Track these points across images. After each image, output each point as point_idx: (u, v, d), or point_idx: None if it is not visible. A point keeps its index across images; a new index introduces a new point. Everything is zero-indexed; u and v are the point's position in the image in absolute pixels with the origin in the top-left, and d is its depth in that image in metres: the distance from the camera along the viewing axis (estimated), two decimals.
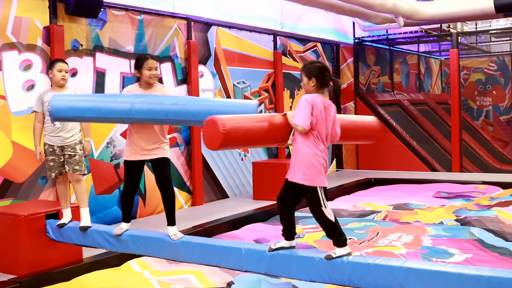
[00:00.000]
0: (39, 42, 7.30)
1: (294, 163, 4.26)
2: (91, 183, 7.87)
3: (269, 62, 11.84)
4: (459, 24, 17.95)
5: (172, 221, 5.15)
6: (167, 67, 9.30)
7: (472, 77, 21.02)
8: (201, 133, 4.19)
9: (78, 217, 5.80)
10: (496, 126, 20.62)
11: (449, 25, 16.42)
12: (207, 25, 10.17)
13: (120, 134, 8.26)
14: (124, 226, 5.33)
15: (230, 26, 10.68)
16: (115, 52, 8.37)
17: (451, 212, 8.66)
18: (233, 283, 5.55)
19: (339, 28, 14.18)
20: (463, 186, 10.97)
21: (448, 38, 15.04)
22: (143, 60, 5.20)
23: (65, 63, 5.91)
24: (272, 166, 10.18)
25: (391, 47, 16.62)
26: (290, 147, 4.46)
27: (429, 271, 3.88)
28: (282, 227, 4.45)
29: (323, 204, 4.20)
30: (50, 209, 6.10)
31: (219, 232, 7.58)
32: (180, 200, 9.41)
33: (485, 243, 6.71)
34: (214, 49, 10.35)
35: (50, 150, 5.78)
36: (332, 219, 4.21)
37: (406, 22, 12.75)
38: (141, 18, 8.80)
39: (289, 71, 12.43)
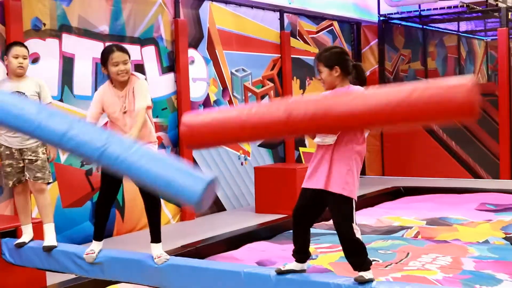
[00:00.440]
0: None
1: (334, 166, 4.24)
2: (57, 193, 7.89)
3: (274, 45, 11.85)
4: None
5: (156, 237, 5.17)
6: (149, 51, 9.32)
7: None
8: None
9: (41, 235, 5.81)
10: None
11: None
12: (198, 0, 10.19)
13: None
14: (95, 247, 5.33)
15: (227, 1, 10.70)
16: (85, 33, 8.38)
17: (498, 228, 8.67)
18: None
19: (361, 3, 14.19)
20: None
21: (496, 14, 15.02)
22: (107, 54, 5.19)
23: (24, 47, 5.88)
24: (278, 172, 10.20)
25: (424, 26, 16.62)
26: (306, 149, 4.45)
27: None
28: (295, 246, 4.47)
29: (354, 220, 4.23)
30: (6, 226, 6.11)
31: (214, 253, 7.59)
32: (167, 214, 9.43)
33: None
34: (207, 29, 10.37)
35: (7, 153, 5.79)
36: (360, 237, 4.24)
37: None
38: None
39: (299, 56, 12.44)
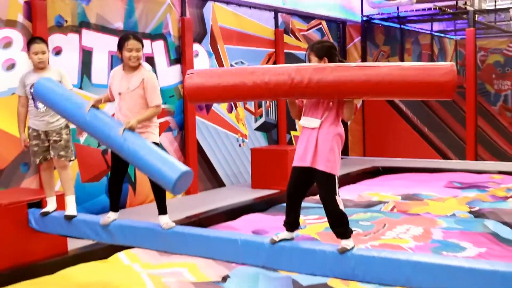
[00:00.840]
0: (20, 18, 7.29)
1: (319, 146, 4.25)
2: (77, 170, 7.90)
3: (269, 41, 11.83)
4: (476, 1, 17.91)
5: (163, 209, 5.18)
6: (159, 45, 9.30)
7: (490, 59, 20.98)
8: None
9: (63, 205, 5.82)
10: None
11: (465, 2, 16.40)
12: (202, 0, 10.16)
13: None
14: (111, 215, 5.36)
15: (227, 2, 10.67)
16: (102, 29, 8.36)
17: (464, 203, 8.70)
18: (229, 276, 5.59)
19: (346, 4, 14.15)
20: (478, 175, 11.01)
21: (464, 16, 15.02)
22: (124, 40, 5.16)
23: (42, 42, 5.76)
24: (272, 152, 10.21)
25: (402, 26, 16.59)
26: (297, 132, 4.48)
27: (438, 265, 3.91)
28: (287, 217, 4.47)
29: (337, 193, 4.25)
30: (32, 198, 6.11)
31: (214, 223, 7.62)
32: None
33: (500, 237, 6.75)
34: (210, 26, 10.34)
35: (34, 134, 5.78)
36: (343, 208, 4.26)
37: None
38: None
39: (291, 51, 12.41)
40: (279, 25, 12.04)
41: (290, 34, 12.49)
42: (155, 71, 7.22)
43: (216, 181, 10.38)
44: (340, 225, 4.30)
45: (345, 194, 9.46)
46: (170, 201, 5.50)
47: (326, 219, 4.36)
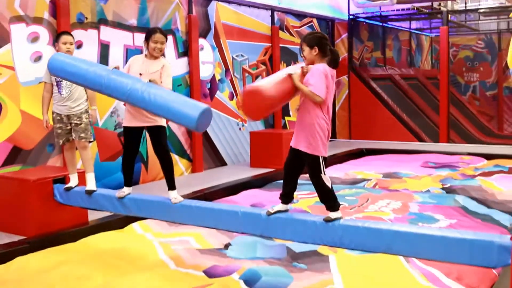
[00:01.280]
0: (46, 15, 7.25)
1: (300, 131, 4.25)
2: (96, 150, 7.89)
3: (266, 37, 11.77)
4: (449, 2, 17.80)
5: (172, 185, 5.19)
6: (168, 40, 9.19)
7: (461, 54, 20.95)
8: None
9: (84, 181, 5.83)
10: (482, 101, 20.63)
11: (439, 3, 16.31)
12: (207, 0, 10.10)
13: (123, 104, 8.23)
14: (126, 190, 5.37)
15: (229, 1, 10.59)
16: (118, 25, 8.32)
17: (437, 180, 8.72)
18: (230, 244, 5.60)
19: (335, 4, 14.08)
20: (450, 156, 11.01)
21: (439, 16, 14.96)
22: (152, 33, 5.23)
23: (70, 35, 5.86)
24: (268, 135, 10.20)
25: (384, 24, 16.52)
26: (291, 118, 4.47)
27: (415, 234, 3.94)
28: (284, 192, 4.47)
29: (322, 171, 4.24)
30: (57, 174, 6.12)
31: (217, 197, 7.62)
32: (181, 167, 9.44)
33: (468, 210, 6.77)
34: (214, 23, 10.29)
35: (57, 118, 5.78)
36: (329, 185, 4.26)
37: None
38: None
39: (286, 45, 12.36)
40: (275, 22, 11.98)
41: (285, 30, 12.43)
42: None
43: (218, 160, 10.38)
44: (327, 199, 4.31)
45: (333, 173, 9.46)
46: (178, 178, 5.52)
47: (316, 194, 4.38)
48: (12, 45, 6.86)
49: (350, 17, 14.55)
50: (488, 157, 10.79)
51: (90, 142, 5.91)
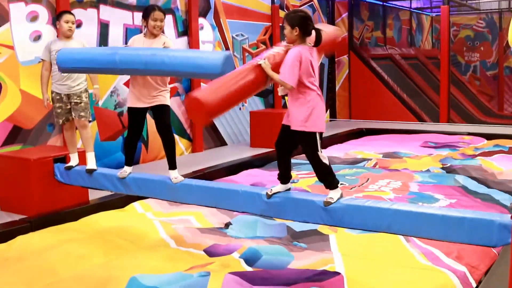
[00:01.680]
0: None
1: (293, 110, 4.22)
2: (96, 130, 7.87)
3: (267, 16, 11.69)
4: None
5: (173, 165, 5.18)
6: (168, 19, 9.14)
7: (462, 33, 20.85)
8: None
9: (84, 161, 5.83)
10: (482, 80, 20.57)
11: None
12: None
13: (123, 84, 8.21)
14: (127, 169, 5.37)
15: None
16: (118, 5, 8.25)
17: (437, 160, 8.71)
18: (231, 223, 5.61)
19: None
20: (450, 136, 10.99)
21: None
22: (150, 11, 5.18)
23: (72, 14, 5.84)
24: (268, 115, 10.18)
25: (384, 3, 16.41)
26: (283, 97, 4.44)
27: (415, 212, 3.93)
28: (279, 171, 4.48)
29: (319, 149, 4.22)
30: (57, 154, 6.12)
31: (217, 177, 7.61)
32: (181, 147, 9.43)
33: (468, 189, 6.77)
34: (214, 2, 10.20)
35: (57, 97, 5.76)
36: (327, 162, 4.24)
37: None
38: None
39: None
40: (275, 1, 11.88)
41: (285, 10, 12.33)
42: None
43: (219, 140, 10.36)
44: (325, 177, 4.30)
45: (333, 152, 9.45)
46: (178, 158, 5.51)
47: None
48: (11, 24, 6.81)
49: None
50: (488, 137, 10.77)
51: (90, 121, 5.90)
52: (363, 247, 4.87)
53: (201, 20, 9.83)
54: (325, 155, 4.25)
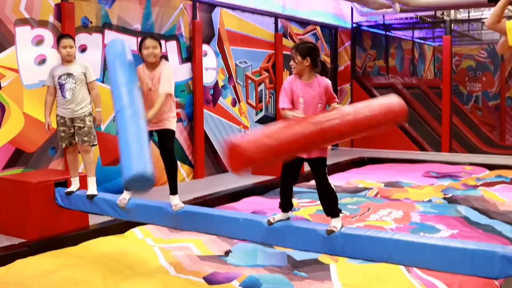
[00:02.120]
0: (51, 19, 7.26)
1: None
2: (98, 154, 7.89)
3: (270, 43, 11.79)
4: (452, 12, 17.86)
5: (174, 190, 5.19)
6: (172, 45, 9.27)
7: (464, 64, 20.96)
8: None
9: (85, 185, 5.83)
10: (484, 111, 20.62)
11: (442, 12, 16.35)
12: (211, 6, 10.11)
13: None
14: (126, 195, 5.35)
15: (233, 8, 10.62)
16: (123, 30, 8.33)
17: (439, 190, 8.69)
18: (231, 251, 5.58)
19: (338, 12, 14.09)
20: (452, 166, 10.99)
21: (442, 25, 14.97)
22: (142, 41, 5.19)
23: (70, 38, 5.82)
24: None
25: (387, 32, 16.54)
26: None
27: (416, 243, 3.93)
28: (282, 200, 4.48)
29: (327, 174, 4.29)
30: (59, 178, 6.13)
31: (218, 204, 7.59)
32: (182, 173, 9.43)
33: (470, 220, 6.74)
34: (218, 29, 10.30)
35: (61, 121, 5.79)
36: (334, 189, 4.29)
37: (402, 8, 12.69)
38: None
39: (289, 53, 12.30)
40: (279, 29, 12.00)
41: (288, 38, 12.44)
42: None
43: (220, 167, 10.36)
44: (330, 204, 4.33)
45: (335, 181, 9.35)
46: (179, 184, 5.51)
47: (318, 202, 4.37)
48: (17, 47, 6.87)
49: (354, 25, 14.58)
50: (490, 167, 10.77)
51: (93, 145, 5.92)
52: (364, 277, 4.83)
53: (205, 47, 9.91)
54: (332, 182, 4.30)
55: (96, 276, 4.79)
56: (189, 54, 9.61)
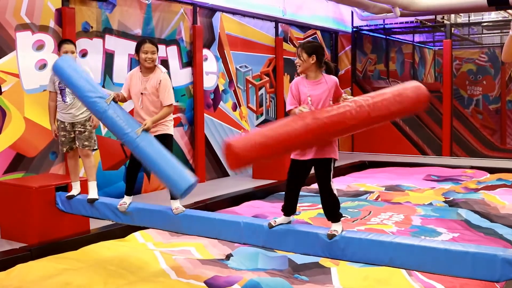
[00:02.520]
0: (52, 24, 7.28)
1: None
2: (99, 159, 7.89)
3: (270, 48, 11.80)
4: (452, 16, 17.87)
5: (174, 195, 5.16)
6: (173, 50, 9.28)
7: (464, 67, 20.93)
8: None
9: (86, 190, 5.82)
10: (485, 114, 20.59)
11: (443, 16, 16.36)
12: (212, 10, 10.13)
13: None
14: (127, 200, 5.33)
15: (234, 12, 10.63)
16: (123, 35, 8.34)
17: (440, 194, 8.69)
18: (232, 255, 5.58)
19: (338, 17, 14.11)
20: (452, 170, 10.99)
21: (442, 29, 14.98)
22: (141, 44, 5.13)
23: (71, 43, 5.79)
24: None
25: (387, 37, 16.55)
26: None
27: (417, 246, 3.91)
28: (286, 204, 4.44)
29: (331, 178, 4.28)
30: (59, 182, 6.12)
31: (219, 208, 7.60)
32: None
33: (471, 223, 6.74)
34: (218, 34, 10.31)
35: (61, 126, 5.78)
36: (336, 194, 4.28)
37: (402, 12, 12.69)
38: (149, 2, 8.76)
39: (289, 57, 12.37)
40: (279, 33, 12.01)
41: (289, 42, 12.46)
42: (169, 72, 7.19)
43: (221, 171, 10.37)
44: (332, 209, 4.31)
45: (336, 185, 9.31)
46: None
47: (319, 206, 4.36)
48: (18, 52, 6.88)
49: (354, 29, 14.59)
50: (491, 170, 10.77)
51: (93, 150, 5.91)
52: (365, 280, 4.84)
53: (205, 51, 9.93)
54: (335, 187, 4.29)
55: (97, 281, 4.79)
56: (190, 59, 9.62)
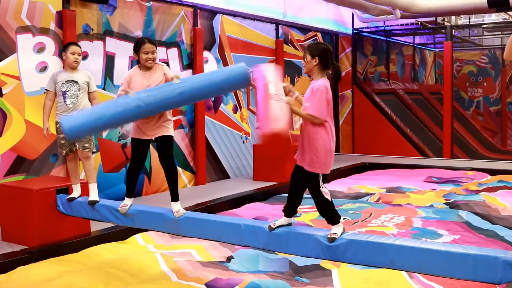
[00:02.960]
0: (52, 26, 7.28)
1: (303, 147, 4.21)
2: (100, 161, 7.89)
3: (271, 50, 11.81)
4: (453, 17, 17.89)
5: (175, 197, 5.16)
6: (173, 52, 9.28)
7: (465, 69, 20.97)
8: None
9: (86, 192, 5.82)
10: (486, 116, 20.61)
11: (443, 18, 16.38)
12: (212, 13, 10.14)
13: None
14: (127, 201, 5.33)
15: (234, 15, 10.64)
16: (124, 37, 8.35)
17: (441, 196, 8.68)
18: (233, 257, 5.58)
19: (339, 19, 14.12)
20: (453, 172, 10.99)
21: (443, 31, 14.98)
22: (141, 44, 5.15)
23: (78, 46, 5.88)
24: (272, 149, 10.17)
25: (388, 38, 16.55)
26: (293, 132, 4.41)
27: (418, 248, 3.90)
28: (288, 204, 4.43)
29: (321, 185, 4.21)
30: (60, 184, 6.12)
31: (220, 210, 7.60)
32: (184, 179, 9.43)
33: (472, 225, 6.74)
34: (218, 36, 10.32)
35: (61, 129, 5.77)
36: (328, 198, 4.23)
37: (403, 14, 12.70)
38: (150, 5, 8.77)
39: (290, 59, 12.39)
40: (280, 35, 12.02)
41: (289, 44, 12.46)
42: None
43: (222, 173, 10.37)
44: (327, 213, 4.28)
45: (336, 187, 9.44)
46: (181, 190, 5.49)
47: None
48: (18, 55, 6.89)
49: (354, 31, 14.59)
50: (492, 172, 10.77)
51: (93, 152, 5.91)
52: (366, 282, 4.83)
53: (206, 54, 9.93)
54: (327, 190, 4.25)
55: (97, 283, 4.79)
56: (190, 61, 9.62)
